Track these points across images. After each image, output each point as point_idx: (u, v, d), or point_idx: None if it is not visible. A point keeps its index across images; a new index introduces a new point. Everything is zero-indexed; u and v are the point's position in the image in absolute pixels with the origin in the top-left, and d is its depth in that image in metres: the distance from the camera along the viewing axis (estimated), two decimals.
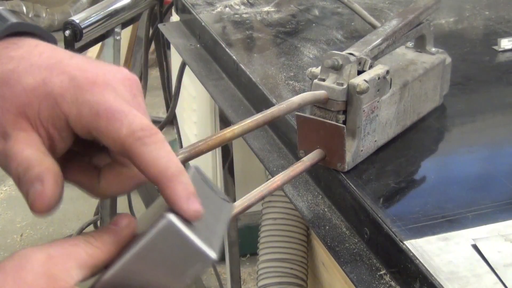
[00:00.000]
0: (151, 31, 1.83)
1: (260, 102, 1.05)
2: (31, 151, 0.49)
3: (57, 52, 0.52)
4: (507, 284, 0.66)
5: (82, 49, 1.53)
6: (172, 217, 0.47)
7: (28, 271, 0.44)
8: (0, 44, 0.53)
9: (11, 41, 0.53)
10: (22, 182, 0.48)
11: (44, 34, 0.56)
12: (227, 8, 1.36)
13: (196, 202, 0.48)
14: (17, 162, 0.48)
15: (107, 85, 0.50)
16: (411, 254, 0.70)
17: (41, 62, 0.51)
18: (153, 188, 1.74)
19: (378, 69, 0.84)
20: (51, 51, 0.53)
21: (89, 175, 0.54)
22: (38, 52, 0.52)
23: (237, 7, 1.37)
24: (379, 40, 0.88)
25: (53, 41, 0.56)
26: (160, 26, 1.51)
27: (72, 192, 0.63)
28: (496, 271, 0.67)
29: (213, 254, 0.48)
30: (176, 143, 2.16)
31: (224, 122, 1.52)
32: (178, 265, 0.49)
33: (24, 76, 0.50)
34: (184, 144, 2.04)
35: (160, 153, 0.48)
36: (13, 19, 0.54)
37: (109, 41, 1.62)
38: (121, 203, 1.95)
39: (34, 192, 0.47)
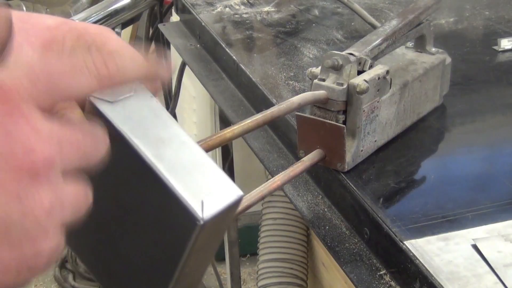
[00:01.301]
0: (151, 31, 1.83)
1: (260, 102, 1.05)
2: None
3: None
4: (507, 284, 0.66)
5: None
6: (201, 216, 0.44)
7: None
8: None
9: None
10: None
11: None
12: (227, 8, 1.36)
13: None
14: None
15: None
16: (411, 254, 0.70)
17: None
18: None
19: (378, 69, 0.84)
20: None
21: None
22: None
23: (237, 7, 1.37)
24: (379, 40, 0.88)
25: None
26: (160, 26, 1.51)
27: None
28: (496, 271, 0.67)
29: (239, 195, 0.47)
30: None
31: (224, 122, 1.52)
32: (220, 230, 0.48)
33: (43, 18, 0.51)
34: None
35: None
36: None
37: None
38: None
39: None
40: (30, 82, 0.41)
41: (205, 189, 0.46)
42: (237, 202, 0.47)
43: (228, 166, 1.66)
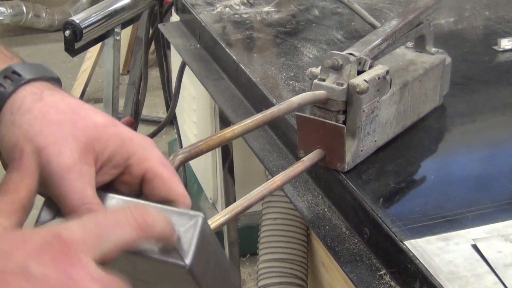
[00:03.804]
0: (151, 31, 1.83)
1: (260, 102, 1.05)
2: (91, 191, 0.53)
3: None
4: (507, 284, 0.66)
5: (82, 49, 1.53)
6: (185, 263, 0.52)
7: None
8: (42, 85, 0.57)
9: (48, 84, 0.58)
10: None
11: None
12: (227, 8, 1.36)
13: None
14: (80, 199, 0.53)
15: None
16: (411, 254, 0.70)
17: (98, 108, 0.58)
18: None
19: (378, 69, 0.84)
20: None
21: None
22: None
23: (237, 7, 1.37)
24: (379, 40, 0.88)
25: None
26: (160, 26, 1.51)
27: None
28: (496, 271, 0.67)
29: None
30: (176, 143, 2.16)
31: (224, 122, 1.52)
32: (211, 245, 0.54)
33: (94, 113, 0.56)
34: (184, 144, 2.04)
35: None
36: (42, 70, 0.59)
37: (109, 41, 1.62)
38: None
39: None
40: (83, 234, 0.47)
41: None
42: (204, 224, 0.53)
43: (228, 166, 1.66)
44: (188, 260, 0.51)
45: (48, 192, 0.54)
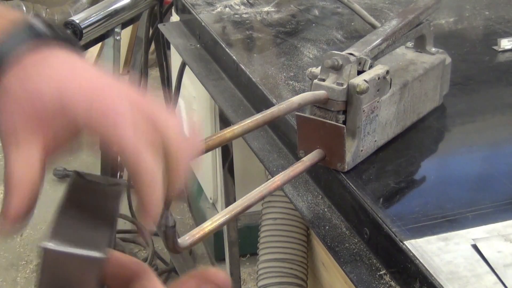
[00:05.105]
0: (151, 31, 1.83)
1: (260, 102, 1.05)
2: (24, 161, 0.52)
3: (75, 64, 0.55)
4: (507, 284, 0.66)
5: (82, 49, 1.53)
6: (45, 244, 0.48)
7: None
8: (32, 57, 0.55)
9: (40, 56, 0.56)
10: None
11: (72, 40, 0.59)
12: (227, 8, 1.36)
13: None
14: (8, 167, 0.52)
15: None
16: (411, 254, 0.70)
17: (59, 72, 0.54)
18: None
19: (378, 69, 0.84)
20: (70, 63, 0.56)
21: None
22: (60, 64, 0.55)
23: (237, 7, 1.37)
24: (379, 40, 0.88)
25: (79, 47, 0.60)
26: (160, 26, 1.51)
27: None
28: (496, 271, 0.67)
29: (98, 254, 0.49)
30: None
31: (224, 122, 1.52)
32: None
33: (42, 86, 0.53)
34: None
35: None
36: (44, 31, 0.56)
37: (109, 41, 1.62)
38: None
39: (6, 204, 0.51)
40: None
41: (76, 240, 0.49)
42: (93, 260, 0.49)
43: (228, 166, 1.66)
44: (49, 245, 0.48)
45: None
